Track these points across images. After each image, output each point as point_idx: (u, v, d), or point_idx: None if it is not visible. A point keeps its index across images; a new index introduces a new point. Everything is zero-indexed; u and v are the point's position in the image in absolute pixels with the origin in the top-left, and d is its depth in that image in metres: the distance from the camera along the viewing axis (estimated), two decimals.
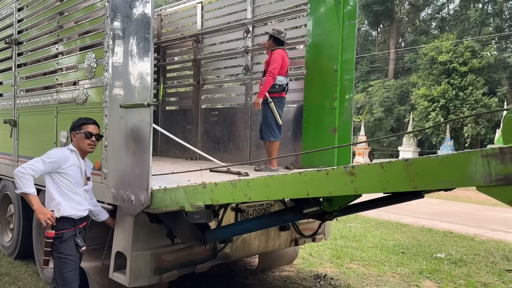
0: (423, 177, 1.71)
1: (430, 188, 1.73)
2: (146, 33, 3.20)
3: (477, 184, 1.56)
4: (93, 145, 3.34)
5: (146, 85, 3.22)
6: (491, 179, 1.51)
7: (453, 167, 1.62)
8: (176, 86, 7.93)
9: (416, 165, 1.73)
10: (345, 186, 1.96)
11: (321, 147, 4.77)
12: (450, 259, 6.45)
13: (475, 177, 1.56)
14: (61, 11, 4.46)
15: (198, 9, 6.72)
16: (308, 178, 2.15)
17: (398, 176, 1.78)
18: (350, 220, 9.40)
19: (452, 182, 1.63)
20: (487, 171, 1.52)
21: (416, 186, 1.72)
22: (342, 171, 1.97)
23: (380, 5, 34.16)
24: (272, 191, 2.34)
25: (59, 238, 3.19)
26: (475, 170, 1.55)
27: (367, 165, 1.89)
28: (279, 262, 5.61)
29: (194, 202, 2.74)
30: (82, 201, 3.31)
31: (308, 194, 2.14)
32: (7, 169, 5.37)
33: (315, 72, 5.16)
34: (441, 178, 1.66)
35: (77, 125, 3.34)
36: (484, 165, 1.53)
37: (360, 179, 1.91)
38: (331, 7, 4.97)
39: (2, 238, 5.88)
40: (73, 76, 4.22)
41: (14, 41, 5.18)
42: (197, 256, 3.87)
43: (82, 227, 3.35)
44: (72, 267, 3.22)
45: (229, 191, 2.55)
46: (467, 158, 1.58)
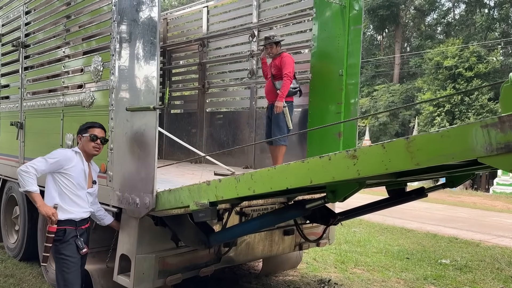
0: (424, 153, 1.72)
1: (432, 164, 1.72)
2: (153, 37, 3.21)
3: (479, 154, 1.57)
4: (97, 148, 3.35)
5: (152, 88, 3.23)
6: (492, 149, 1.52)
7: (454, 140, 1.64)
8: (181, 90, 7.96)
9: (417, 142, 1.74)
10: (348, 169, 1.97)
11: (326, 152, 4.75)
12: (455, 265, 6.41)
13: (476, 148, 1.56)
14: (68, 15, 4.49)
15: (204, 13, 6.75)
16: (310, 165, 2.16)
17: (399, 154, 1.79)
18: (355, 225, 9.36)
19: (454, 155, 1.64)
20: (487, 141, 1.53)
21: (418, 163, 1.73)
22: (344, 155, 1.99)
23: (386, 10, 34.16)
24: (275, 182, 2.33)
25: (59, 239, 3.20)
26: (476, 141, 1.56)
27: (369, 147, 1.92)
28: (283, 267, 5.60)
29: (199, 200, 2.74)
30: (83, 203, 3.31)
31: (312, 181, 2.14)
32: (13, 171, 5.40)
33: (320, 76, 5.17)
34: (442, 152, 1.67)
35: (84, 128, 3.38)
36: (484, 135, 1.53)
37: (362, 161, 1.93)
38: (337, 12, 4.98)
39: (8, 239, 5.91)
40: (79, 79, 4.24)
41: (21, 44, 5.22)
42: (201, 260, 3.87)
43: (83, 229, 3.34)
44: (73, 268, 3.22)
45: (233, 185, 2.55)
46: (467, 130, 1.59)
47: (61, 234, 3.20)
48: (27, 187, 3.09)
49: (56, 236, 3.19)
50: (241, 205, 3.93)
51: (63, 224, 3.20)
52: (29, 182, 3.09)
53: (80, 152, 3.33)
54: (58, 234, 3.19)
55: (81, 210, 3.29)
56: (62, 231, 3.20)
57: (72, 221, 3.23)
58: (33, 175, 3.11)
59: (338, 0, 4.92)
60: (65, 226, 3.21)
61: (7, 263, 5.49)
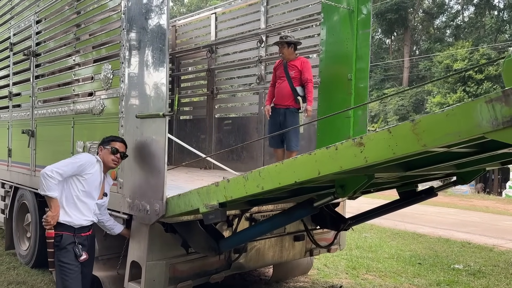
0: (431, 133, 1.72)
1: (438, 144, 1.71)
2: (162, 44, 3.23)
3: (485, 130, 1.57)
4: (116, 162, 3.37)
5: (162, 95, 3.25)
6: (498, 123, 1.52)
7: (459, 118, 1.64)
8: (190, 96, 7.99)
9: (423, 123, 1.75)
10: (355, 157, 1.98)
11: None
12: (469, 271, 6.32)
13: (482, 124, 1.56)
14: (78, 23, 4.54)
15: (212, 20, 6.78)
16: (318, 156, 2.16)
17: (406, 137, 1.80)
18: (366, 230, 9.29)
19: (460, 133, 1.63)
20: (493, 115, 1.53)
21: (425, 144, 1.73)
22: (351, 143, 1.99)
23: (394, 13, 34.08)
24: (283, 176, 2.33)
25: (57, 245, 3.19)
26: (481, 117, 1.56)
27: (375, 133, 1.92)
28: (293, 273, 5.56)
29: (208, 202, 2.74)
30: (86, 211, 3.28)
31: (320, 172, 2.14)
32: (24, 178, 5.45)
33: (329, 81, 5.15)
34: (449, 131, 1.67)
35: (106, 141, 3.40)
36: (489, 110, 1.54)
37: (369, 148, 1.93)
38: (345, 16, 4.97)
39: (20, 247, 5.95)
40: (89, 87, 4.28)
41: (32, 52, 5.29)
42: (212, 266, 3.86)
43: (84, 236, 3.30)
44: (72, 275, 3.20)
45: (241, 184, 2.55)
46: (472, 107, 1.59)
47: (58, 239, 3.19)
48: (48, 192, 3.10)
49: (55, 242, 3.19)
50: (251, 211, 3.93)
51: (61, 229, 3.19)
52: (51, 187, 3.10)
53: (100, 161, 3.36)
54: (56, 239, 3.19)
55: (82, 217, 3.26)
56: (59, 236, 3.19)
57: (70, 227, 3.21)
58: (57, 181, 3.11)
59: (346, 5, 4.91)
60: (63, 231, 3.20)
61: (19, 270, 5.53)
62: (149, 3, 3.38)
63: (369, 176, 2.44)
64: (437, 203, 16.02)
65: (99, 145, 3.45)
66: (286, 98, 5.02)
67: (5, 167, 6.03)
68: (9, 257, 6.13)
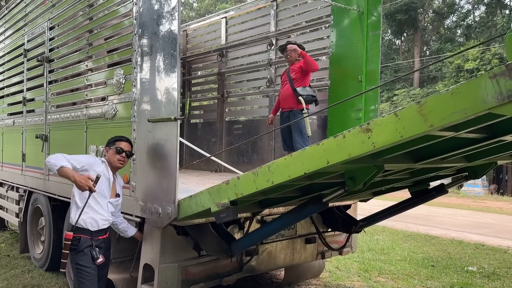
0: (437, 113, 1.74)
1: (445, 123, 1.72)
2: (173, 49, 3.27)
3: (490, 105, 1.58)
4: (122, 161, 3.42)
5: (173, 99, 3.28)
6: (503, 97, 1.53)
7: (464, 96, 1.65)
8: (200, 100, 8.04)
9: (429, 104, 1.76)
10: (363, 144, 1.99)
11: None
12: (483, 273, 6.25)
13: (488, 99, 1.58)
14: (90, 29, 4.60)
15: (223, 24, 6.82)
16: (326, 146, 2.17)
17: (413, 119, 1.81)
18: (378, 233, 9.24)
19: (466, 110, 1.65)
20: (497, 90, 1.54)
21: (432, 124, 1.75)
22: (358, 130, 2.01)
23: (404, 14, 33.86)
24: (292, 169, 2.34)
25: (74, 248, 3.23)
26: (486, 92, 1.58)
27: (381, 118, 1.94)
28: (305, 275, 5.55)
29: (219, 201, 2.76)
30: (103, 212, 3.33)
31: (328, 162, 2.15)
32: (38, 182, 5.52)
33: (339, 83, 5.15)
34: (454, 109, 1.68)
35: (111, 141, 3.47)
36: (494, 85, 1.55)
37: (376, 133, 1.95)
38: (355, 18, 4.97)
39: (34, 250, 6.03)
40: (102, 91, 4.33)
41: (45, 58, 5.37)
42: (223, 269, 3.87)
43: (101, 239, 3.35)
44: (88, 278, 3.24)
45: (251, 180, 2.56)
46: (477, 84, 1.61)
47: (76, 242, 3.23)
48: (60, 163, 3.14)
49: (72, 245, 3.23)
50: (262, 214, 3.94)
51: (79, 232, 3.24)
52: (60, 160, 3.16)
53: (106, 162, 3.42)
54: (73, 242, 3.23)
55: (99, 217, 3.30)
56: (77, 239, 3.23)
57: (87, 230, 3.26)
58: (62, 156, 3.18)
59: (356, 7, 4.91)
60: (80, 234, 3.24)
61: (33, 273, 5.61)
62: (160, 8, 3.42)
63: (378, 167, 2.43)
64: (450, 205, 15.86)
65: (105, 146, 3.51)
66: (289, 100, 5.08)
67: (19, 171, 6.12)
68: (23, 261, 6.22)
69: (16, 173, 6.26)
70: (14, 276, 5.47)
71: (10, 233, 7.99)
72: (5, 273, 5.59)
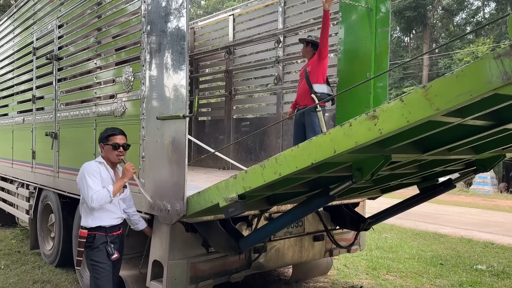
0: (443, 97, 1.74)
1: (450, 105, 1.72)
2: (181, 47, 3.28)
3: (496, 85, 1.58)
4: (121, 156, 3.39)
5: (181, 97, 3.29)
6: (508, 77, 1.53)
7: (469, 78, 1.65)
8: (208, 97, 8.05)
9: (434, 88, 1.76)
10: (370, 131, 2.00)
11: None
12: (492, 271, 6.21)
13: (493, 80, 1.58)
14: (99, 27, 4.62)
15: (230, 21, 6.82)
16: (332, 135, 2.17)
17: (418, 104, 1.82)
18: (386, 231, 9.20)
19: (472, 92, 1.65)
20: (502, 70, 1.54)
21: (438, 108, 1.75)
22: (364, 117, 2.02)
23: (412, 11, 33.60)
24: (299, 159, 2.34)
25: (89, 245, 3.26)
26: (491, 73, 1.58)
27: (387, 104, 1.95)
28: (313, 273, 5.55)
29: (228, 195, 2.77)
30: (115, 209, 3.36)
31: (335, 151, 2.15)
32: (48, 180, 5.57)
33: (348, 80, 5.12)
34: (460, 91, 1.68)
35: (105, 137, 3.39)
36: (498, 66, 1.55)
37: (382, 119, 1.95)
38: (363, 15, 4.94)
39: (44, 246, 6.09)
40: (111, 89, 4.36)
41: (54, 56, 5.41)
42: (232, 266, 3.89)
43: (115, 235, 3.38)
44: (104, 274, 3.27)
45: (259, 173, 2.57)
46: (481, 65, 1.61)
47: (91, 239, 3.27)
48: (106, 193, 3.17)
49: (87, 242, 3.26)
50: (270, 211, 3.94)
51: (93, 229, 3.28)
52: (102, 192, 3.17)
53: (103, 162, 3.37)
54: (88, 239, 3.26)
55: (112, 216, 3.34)
56: (92, 236, 3.26)
57: (102, 228, 3.29)
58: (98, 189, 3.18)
59: (365, 3, 4.88)
60: (95, 232, 3.28)
61: (43, 269, 5.67)
62: (168, 6, 3.42)
63: (386, 157, 2.43)
64: (459, 203, 15.75)
65: (99, 142, 3.43)
66: (304, 97, 5.00)
67: (30, 168, 6.18)
68: (34, 257, 6.29)
69: (26, 170, 6.32)
70: (24, 272, 5.54)
71: (21, 230, 8.08)
72: (16, 269, 5.65)
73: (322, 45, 4.80)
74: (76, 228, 4.99)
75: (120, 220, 3.42)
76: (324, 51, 4.82)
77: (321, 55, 4.85)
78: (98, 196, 3.15)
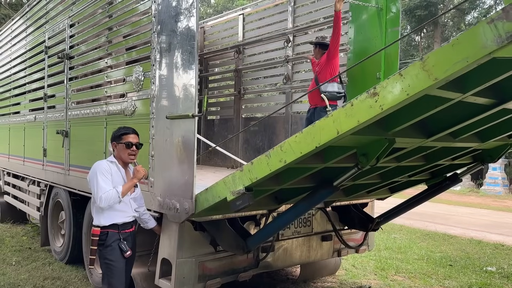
0: (440, 66, 1.78)
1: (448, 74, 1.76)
2: (191, 46, 3.29)
3: (491, 49, 1.62)
4: (133, 155, 3.41)
5: (190, 96, 3.31)
6: (502, 39, 1.58)
7: (465, 45, 1.70)
8: (217, 96, 8.08)
9: (431, 59, 1.81)
10: (371, 108, 2.04)
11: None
12: (502, 273, 6.15)
13: (487, 44, 1.62)
14: (109, 27, 4.66)
15: (240, 21, 6.83)
16: (335, 117, 2.21)
17: (417, 76, 1.86)
18: (395, 231, 9.16)
19: (468, 58, 1.69)
20: (496, 34, 1.59)
21: (436, 77, 1.79)
22: (365, 95, 2.07)
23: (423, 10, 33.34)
24: (304, 145, 2.37)
25: (102, 243, 3.28)
26: (486, 38, 1.62)
27: (387, 80, 1.99)
28: (321, 273, 5.55)
29: (235, 189, 2.79)
30: (126, 209, 3.38)
31: (338, 131, 2.18)
32: (59, 177, 5.64)
33: (358, 79, 5.10)
34: (457, 59, 1.72)
35: (118, 135, 3.40)
36: (492, 30, 1.60)
37: (383, 96, 1.99)
38: (373, 15, 4.92)
39: (54, 243, 6.16)
40: (121, 88, 4.39)
41: (66, 55, 5.46)
42: (240, 265, 3.90)
43: (128, 233, 3.40)
44: (116, 273, 3.29)
45: (265, 163, 2.60)
46: (475, 31, 1.66)
47: (104, 237, 3.29)
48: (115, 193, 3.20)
49: (100, 240, 3.29)
50: (278, 211, 3.95)
51: (106, 227, 3.30)
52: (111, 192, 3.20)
53: (115, 161, 3.40)
54: (101, 237, 3.29)
55: (124, 215, 3.36)
56: (104, 234, 3.29)
57: (114, 225, 3.32)
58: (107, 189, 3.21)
59: (375, 3, 4.86)
60: (108, 229, 3.30)
61: (54, 266, 5.73)
62: (178, 6, 3.44)
63: (390, 140, 2.44)
64: (469, 204, 15.61)
65: (111, 141, 3.44)
66: (313, 97, 5.01)
67: (41, 166, 6.26)
68: (44, 253, 6.37)
69: (38, 167, 6.40)
70: (35, 268, 5.61)
71: (31, 227, 8.18)
72: (26, 265, 5.73)
73: (332, 45, 4.79)
74: (86, 226, 5.05)
75: (132, 218, 3.44)
76: (333, 51, 4.81)
77: (330, 55, 4.84)
78: (107, 196, 3.18)
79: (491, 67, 1.87)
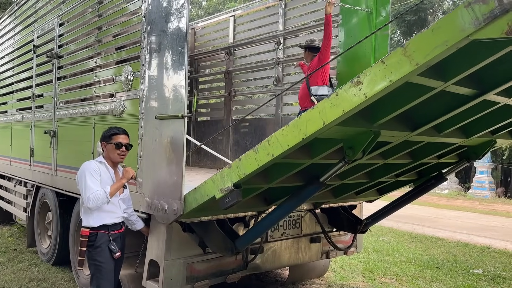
0: (421, 51, 1.82)
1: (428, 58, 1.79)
2: (181, 47, 3.28)
3: (469, 31, 1.66)
4: (123, 155, 3.39)
5: (180, 97, 3.30)
6: (479, 22, 1.63)
7: (444, 29, 1.75)
8: (208, 98, 8.06)
9: (412, 45, 1.85)
10: (356, 97, 2.06)
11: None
12: (488, 276, 6.22)
13: (466, 27, 1.67)
14: (99, 26, 4.63)
15: (231, 22, 6.83)
16: (320, 108, 2.23)
17: (399, 63, 1.90)
18: (383, 234, 9.21)
19: (447, 42, 1.74)
20: (473, 16, 1.64)
21: (417, 62, 1.83)
22: (350, 84, 2.09)
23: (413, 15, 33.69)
24: (290, 137, 2.38)
25: (92, 244, 3.25)
26: (464, 21, 1.67)
27: (370, 68, 2.02)
28: (309, 275, 5.56)
29: (223, 186, 2.78)
30: (116, 209, 3.36)
31: (324, 122, 2.20)
32: (46, 178, 5.57)
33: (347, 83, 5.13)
34: (436, 43, 1.77)
35: (108, 135, 3.38)
36: (469, 13, 1.65)
37: (367, 83, 2.02)
38: (363, 18, 4.96)
39: (41, 244, 6.09)
40: (110, 88, 4.36)
41: (54, 55, 5.41)
42: (228, 266, 3.89)
43: (117, 234, 3.38)
44: (105, 274, 3.27)
45: (252, 158, 2.60)
46: (453, 16, 1.71)
47: (93, 238, 3.25)
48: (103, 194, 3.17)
49: (89, 241, 3.25)
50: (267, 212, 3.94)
51: (95, 228, 3.27)
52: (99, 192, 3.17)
53: (104, 162, 3.37)
54: (91, 238, 3.25)
55: (113, 216, 3.34)
56: (94, 235, 3.26)
57: (104, 226, 3.29)
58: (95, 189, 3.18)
59: (365, 7, 4.90)
60: (97, 230, 3.27)
61: (40, 267, 5.66)
62: (169, 6, 3.43)
63: (375, 133, 2.47)
64: (456, 207, 15.78)
65: (101, 141, 3.42)
66: (304, 99, 5.02)
67: (28, 166, 6.19)
68: (30, 255, 6.29)
69: (24, 168, 6.32)
70: (21, 270, 5.53)
71: (18, 227, 8.08)
72: (12, 267, 5.65)
73: (323, 48, 4.80)
74: (73, 227, 5.00)
75: (121, 219, 3.42)
76: (324, 54, 4.83)
77: (321, 58, 4.85)
78: (95, 197, 3.15)
79: (471, 53, 1.90)
